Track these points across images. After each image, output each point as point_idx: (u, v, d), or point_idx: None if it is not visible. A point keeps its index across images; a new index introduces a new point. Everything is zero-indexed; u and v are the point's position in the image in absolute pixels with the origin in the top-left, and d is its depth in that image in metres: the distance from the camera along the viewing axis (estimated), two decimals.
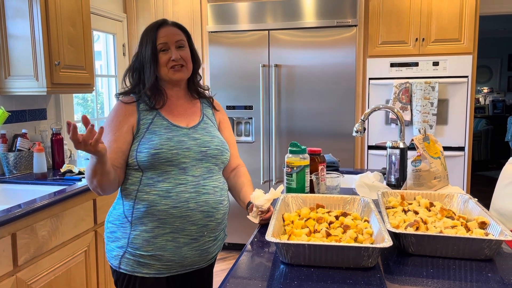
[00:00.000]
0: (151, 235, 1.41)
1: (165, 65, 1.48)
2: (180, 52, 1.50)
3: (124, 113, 1.47)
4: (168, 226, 1.40)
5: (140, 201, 1.41)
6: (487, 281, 1.01)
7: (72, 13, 2.56)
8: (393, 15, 3.35)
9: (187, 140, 1.46)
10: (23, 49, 2.36)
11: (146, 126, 1.46)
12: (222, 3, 3.50)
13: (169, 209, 1.40)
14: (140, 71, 1.51)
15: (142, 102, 1.50)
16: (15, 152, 2.47)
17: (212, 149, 1.49)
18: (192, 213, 1.42)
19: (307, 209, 1.40)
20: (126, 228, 1.44)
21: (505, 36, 8.66)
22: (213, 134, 1.54)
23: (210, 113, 1.63)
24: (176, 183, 1.41)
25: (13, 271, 1.75)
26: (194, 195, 1.42)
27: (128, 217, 1.44)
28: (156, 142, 1.41)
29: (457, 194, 1.48)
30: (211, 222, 1.46)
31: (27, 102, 2.70)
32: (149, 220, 1.41)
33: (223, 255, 3.72)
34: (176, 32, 1.52)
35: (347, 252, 1.06)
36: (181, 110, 1.55)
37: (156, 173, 1.41)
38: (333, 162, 2.23)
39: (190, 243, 1.44)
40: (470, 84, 3.27)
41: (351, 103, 3.37)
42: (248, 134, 3.62)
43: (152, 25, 1.53)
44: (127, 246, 1.43)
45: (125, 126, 1.45)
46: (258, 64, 3.47)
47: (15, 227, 1.75)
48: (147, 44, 1.48)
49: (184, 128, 1.49)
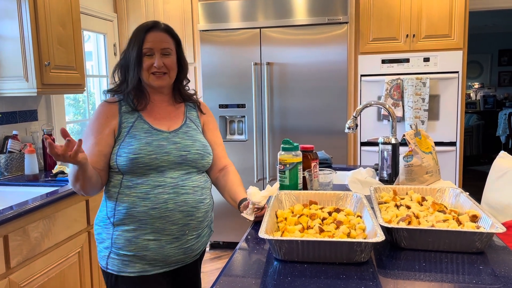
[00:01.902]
0: (132, 235, 1.42)
1: (147, 70, 1.48)
2: (165, 59, 1.49)
3: (106, 115, 1.48)
4: (148, 226, 1.42)
5: (120, 203, 1.43)
6: (478, 274, 1.02)
7: (62, 13, 2.54)
8: (384, 11, 3.36)
9: (167, 144, 1.46)
10: (12, 50, 2.34)
11: (127, 129, 1.46)
12: (213, 2, 3.49)
13: (149, 210, 1.41)
14: (126, 70, 1.51)
15: (125, 103, 1.50)
16: (6, 154, 2.45)
17: (192, 154, 1.49)
18: (172, 214, 1.43)
19: (300, 205, 1.40)
20: (109, 229, 1.46)
21: (495, 32, 8.74)
22: (195, 137, 1.54)
23: (194, 115, 1.62)
24: (155, 185, 1.42)
25: (6, 274, 1.74)
26: (173, 195, 1.43)
27: (110, 218, 1.46)
28: (135, 147, 1.42)
29: (448, 188, 1.49)
30: (192, 221, 1.47)
31: (18, 104, 2.68)
32: (130, 221, 1.42)
33: (218, 254, 3.72)
34: (164, 39, 1.50)
35: (340, 247, 1.06)
36: (164, 114, 1.55)
37: (136, 176, 1.43)
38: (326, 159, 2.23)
39: (172, 242, 1.45)
40: (460, 80, 3.29)
41: (343, 100, 3.38)
42: (241, 133, 3.62)
43: (142, 26, 1.51)
44: (111, 246, 1.45)
45: (106, 129, 1.46)
46: (250, 62, 3.46)
47: (7, 229, 1.74)
48: (134, 45, 1.48)
49: (164, 132, 1.49)
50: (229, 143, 3.60)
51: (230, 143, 3.60)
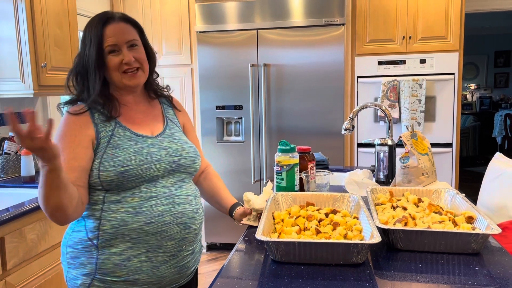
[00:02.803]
0: (123, 257, 1.23)
1: (116, 70, 1.27)
2: (133, 52, 1.29)
3: (79, 125, 1.25)
4: (142, 245, 1.24)
5: (106, 222, 1.23)
6: (474, 275, 1.03)
7: (58, 14, 2.53)
8: (380, 13, 3.37)
9: (157, 151, 1.29)
10: (9, 51, 2.34)
11: (107, 139, 1.25)
12: (210, 3, 3.50)
13: (143, 226, 1.23)
14: (84, 76, 1.29)
15: (95, 111, 1.28)
16: (2, 156, 2.44)
17: (184, 158, 1.35)
18: (169, 227, 1.27)
19: (297, 207, 1.41)
20: (92, 253, 1.24)
21: (491, 33, 8.78)
22: (182, 140, 1.40)
23: (172, 114, 1.47)
24: (147, 197, 1.25)
25: (2, 276, 1.73)
26: (168, 207, 1.27)
27: (93, 240, 1.24)
28: (122, 158, 1.23)
29: (444, 190, 1.50)
30: (189, 234, 1.33)
31: (14, 105, 2.67)
32: (119, 241, 1.23)
33: (214, 255, 3.72)
34: (127, 30, 1.29)
35: (336, 248, 1.07)
36: (142, 116, 1.37)
37: (123, 188, 1.24)
38: (323, 160, 2.24)
39: (168, 261, 1.29)
40: (457, 81, 3.31)
41: (339, 101, 3.39)
42: (238, 134, 3.62)
43: (95, 20, 1.29)
44: (95, 273, 1.24)
45: (83, 141, 1.23)
46: (247, 64, 3.47)
47: (3, 231, 1.74)
48: (91, 45, 1.26)
49: (150, 137, 1.32)
50: (226, 144, 3.60)
51: (227, 144, 3.60)
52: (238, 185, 3.59)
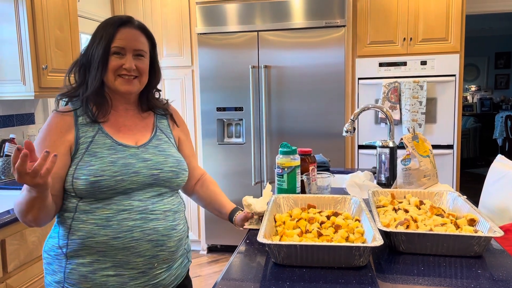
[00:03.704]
0: (89, 269, 1.19)
1: (113, 71, 1.25)
2: (137, 61, 1.27)
3: (60, 129, 1.22)
4: (109, 259, 1.19)
5: (75, 231, 1.19)
6: (476, 278, 1.02)
7: (59, 16, 2.54)
8: (381, 15, 3.37)
9: (135, 162, 1.24)
10: (10, 53, 2.34)
11: (86, 145, 1.22)
12: (210, 5, 3.50)
13: (109, 240, 1.18)
14: (86, 70, 1.27)
15: (82, 112, 1.26)
16: (3, 158, 2.44)
17: (165, 172, 1.28)
18: (138, 244, 1.20)
19: (299, 209, 1.40)
20: (62, 261, 1.22)
21: (492, 35, 8.78)
22: (168, 152, 1.33)
23: (165, 124, 1.40)
24: (119, 210, 1.20)
25: (3, 278, 1.73)
26: (139, 222, 1.21)
27: (63, 248, 1.21)
28: (96, 168, 1.18)
29: (446, 192, 1.49)
30: (162, 252, 1.25)
31: (15, 107, 2.67)
32: (86, 252, 1.19)
33: (215, 257, 3.72)
34: (139, 38, 1.28)
35: (338, 251, 1.06)
36: (130, 124, 1.32)
37: (95, 199, 1.20)
38: (324, 162, 2.23)
39: (137, 277, 1.22)
40: (457, 83, 3.31)
41: (340, 103, 3.39)
42: (239, 136, 3.62)
43: (113, 20, 1.28)
44: (64, 281, 1.21)
45: (61, 147, 1.20)
46: (247, 65, 3.47)
47: (4, 234, 1.73)
48: (100, 41, 1.24)
49: (132, 147, 1.27)
50: (227, 146, 3.60)
51: (228, 146, 3.60)
52: (239, 187, 3.59)
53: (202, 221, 3.75)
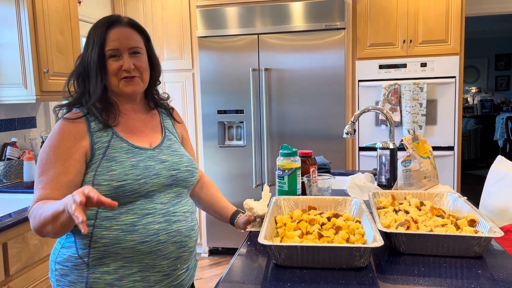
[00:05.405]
0: (114, 277, 1.18)
1: (114, 75, 1.23)
2: (134, 60, 1.25)
3: (73, 136, 1.19)
4: (135, 264, 1.19)
5: (98, 239, 1.17)
6: (477, 278, 1.03)
7: (61, 20, 2.55)
8: (381, 17, 3.38)
9: (154, 165, 1.24)
10: (11, 57, 2.35)
11: (102, 151, 1.20)
12: (211, 8, 3.51)
13: (136, 245, 1.17)
14: (85, 79, 1.25)
15: (92, 118, 1.24)
16: (4, 161, 2.45)
17: (182, 172, 1.30)
18: (164, 246, 1.21)
19: (299, 211, 1.41)
20: (82, 271, 1.18)
21: (492, 37, 8.79)
22: (180, 152, 1.34)
23: (170, 124, 1.42)
24: (143, 214, 1.19)
25: (5, 281, 1.74)
26: (164, 225, 1.22)
27: (83, 258, 1.18)
28: (118, 172, 1.17)
29: (446, 193, 1.50)
30: (184, 253, 1.27)
31: (16, 111, 2.68)
32: (111, 260, 1.18)
33: (216, 260, 3.72)
34: (131, 36, 1.25)
35: (339, 252, 1.07)
36: (140, 127, 1.31)
37: (118, 203, 1.13)
38: (325, 164, 2.24)
39: (162, 280, 1.23)
40: (458, 84, 3.31)
41: (341, 105, 3.39)
42: (240, 138, 3.63)
43: (101, 22, 1.25)
44: None
45: (76, 154, 1.18)
46: (248, 68, 3.48)
47: (6, 237, 1.74)
48: (93, 47, 1.22)
49: (148, 149, 1.26)
50: (228, 148, 3.61)
51: (229, 148, 3.61)
52: (240, 189, 3.60)
53: (203, 223, 3.76)
